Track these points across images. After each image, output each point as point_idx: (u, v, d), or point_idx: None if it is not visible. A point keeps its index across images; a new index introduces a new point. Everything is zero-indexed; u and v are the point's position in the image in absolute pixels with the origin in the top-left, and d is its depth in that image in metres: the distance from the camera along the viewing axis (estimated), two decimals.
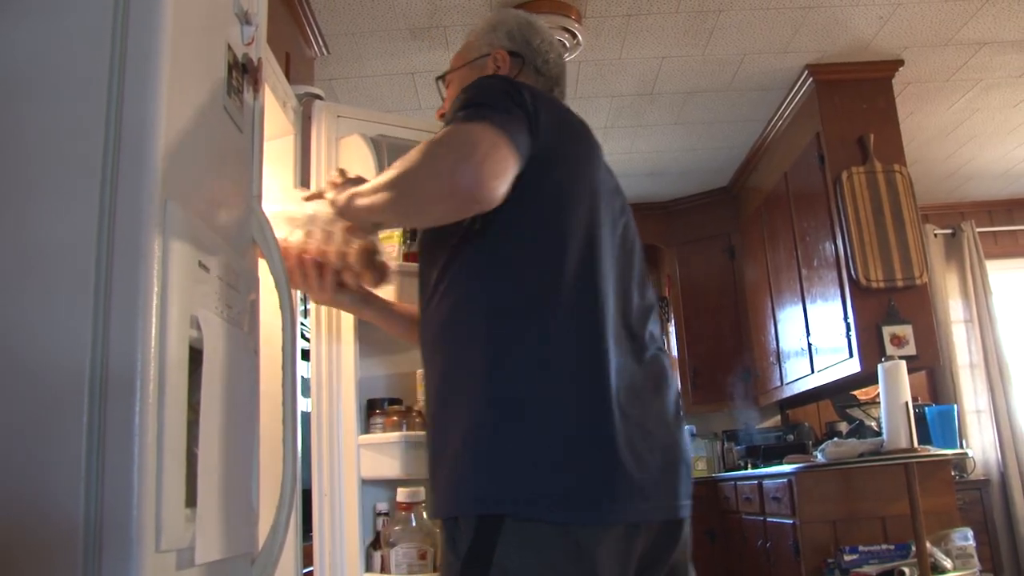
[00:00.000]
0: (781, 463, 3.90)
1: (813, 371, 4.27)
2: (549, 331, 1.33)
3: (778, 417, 5.29)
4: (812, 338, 4.24)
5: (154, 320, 1.19)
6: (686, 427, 1.50)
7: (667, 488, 1.36)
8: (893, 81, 4.04)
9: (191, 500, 1.24)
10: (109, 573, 1.10)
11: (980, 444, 5.43)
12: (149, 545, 1.12)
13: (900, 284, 3.72)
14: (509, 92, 1.42)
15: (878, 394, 3.45)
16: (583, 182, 1.48)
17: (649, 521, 1.33)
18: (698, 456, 5.01)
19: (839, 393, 4.48)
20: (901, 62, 3.97)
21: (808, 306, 4.29)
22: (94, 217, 1.21)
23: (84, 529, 1.12)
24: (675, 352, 5.39)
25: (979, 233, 5.76)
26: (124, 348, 1.16)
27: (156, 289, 1.20)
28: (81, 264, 1.19)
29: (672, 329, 5.49)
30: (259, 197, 1.70)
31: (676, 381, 1.86)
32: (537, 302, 1.35)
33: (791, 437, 4.65)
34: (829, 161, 3.91)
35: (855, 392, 4.48)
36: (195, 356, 1.29)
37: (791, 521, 3.57)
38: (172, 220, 1.24)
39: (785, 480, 3.63)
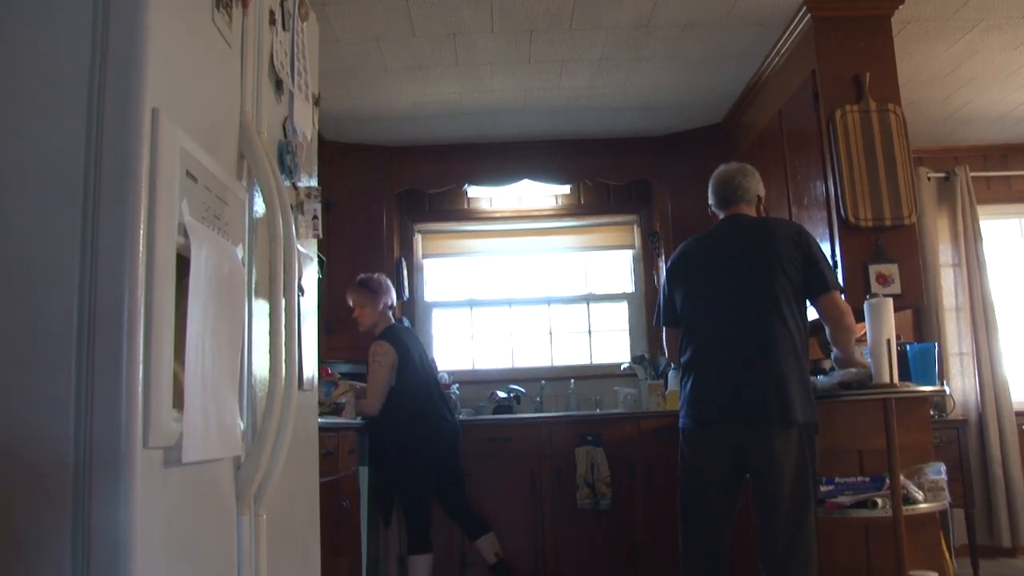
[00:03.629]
0: None
1: None
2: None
3: None
4: None
5: (142, 226, 1.22)
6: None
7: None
8: (892, 19, 4.00)
9: (178, 402, 1.29)
10: (100, 465, 1.15)
11: (961, 386, 5.51)
12: (137, 440, 1.17)
13: (888, 223, 3.73)
14: (664, 283, 3.35)
15: (864, 333, 3.49)
16: (681, 297, 3.20)
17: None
18: None
19: (823, 331, 4.52)
20: (901, 0, 3.94)
21: None
22: (82, 127, 1.24)
23: (75, 423, 1.16)
24: None
25: (972, 178, 5.77)
26: (113, 253, 1.20)
27: (144, 196, 1.23)
28: (69, 173, 1.23)
29: (663, 265, 5.52)
30: (248, 113, 1.72)
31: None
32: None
33: None
34: (823, 99, 3.89)
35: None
36: (183, 264, 1.32)
37: None
38: (159, 129, 1.26)
39: None
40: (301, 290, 1.99)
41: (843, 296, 3.14)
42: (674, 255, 3.34)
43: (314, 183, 2.25)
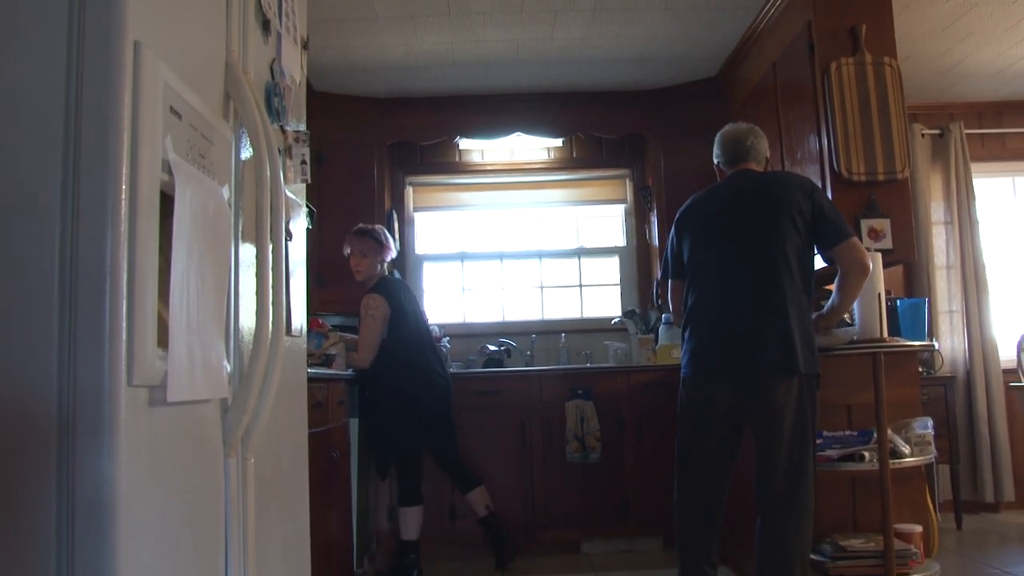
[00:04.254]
0: None
1: None
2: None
3: None
4: None
5: (125, 161, 1.20)
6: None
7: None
8: None
9: (163, 341, 1.27)
10: (83, 403, 1.14)
11: (950, 344, 5.54)
12: (121, 378, 1.15)
13: (881, 178, 3.72)
14: (670, 237, 3.34)
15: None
16: (688, 248, 3.19)
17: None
18: (675, 344, 5.09)
19: (816, 286, 4.52)
20: None
21: None
22: (62, 59, 1.21)
23: (58, 361, 1.15)
24: (656, 242, 5.43)
25: (967, 135, 5.74)
26: (94, 188, 1.18)
27: (126, 130, 1.20)
28: (49, 106, 1.20)
29: (654, 219, 5.51)
30: (235, 52, 1.69)
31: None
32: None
33: None
34: (819, 51, 3.84)
35: (828, 287, 4.52)
36: (167, 204, 1.30)
37: None
38: (141, 62, 1.23)
39: None
40: (289, 235, 1.97)
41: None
42: (682, 209, 3.32)
43: (303, 127, 2.21)
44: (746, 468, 3.05)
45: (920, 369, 4.31)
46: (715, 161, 3.34)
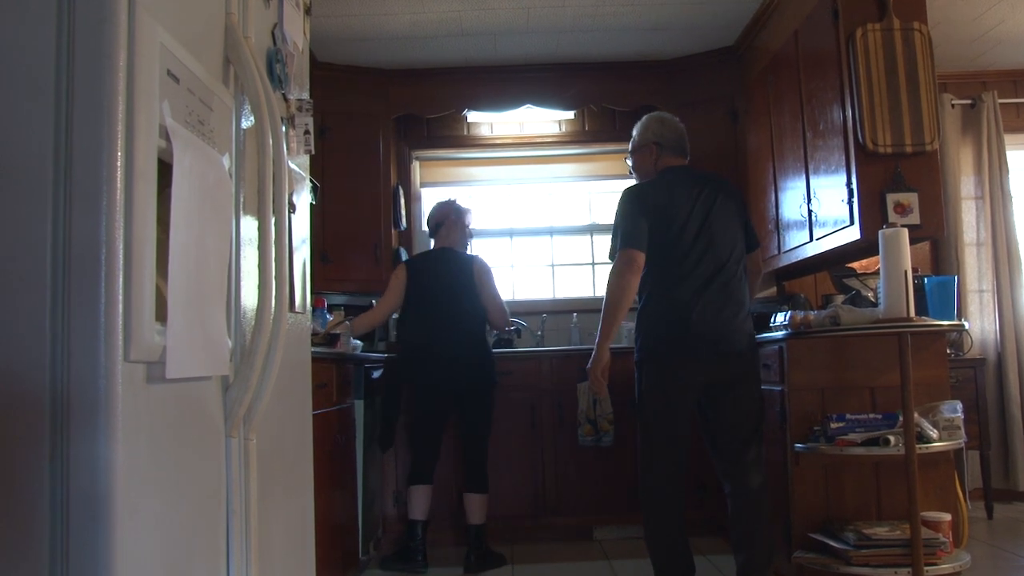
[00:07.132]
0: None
1: (812, 239, 4.18)
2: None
3: (774, 288, 5.24)
4: (813, 205, 4.13)
5: (120, 125, 1.12)
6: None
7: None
8: None
9: (161, 315, 1.20)
10: (78, 380, 1.09)
11: (980, 324, 5.37)
12: (118, 353, 1.10)
13: (909, 150, 3.58)
14: (632, 211, 3.33)
15: (878, 268, 3.37)
16: (649, 233, 3.30)
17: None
18: None
19: (837, 264, 4.41)
20: None
21: (811, 172, 4.15)
22: (52, 18, 1.14)
23: (52, 336, 1.09)
24: None
25: (1000, 105, 5.52)
26: (89, 153, 1.11)
27: (121, 92, 1.13)
28: (39, 64, 1.13)
29: None
30: (235, 15, 1.59)
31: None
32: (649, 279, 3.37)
33: (786, 307, 4.61)
34: (844, 17, 3.69)
35: (852, 264, 4.41)
36: (165, 172, 1.21)
37: (779, 388, 3.55)
38: (136, 22, 1.16)
39: (776, 347, 3.59)
40: (292, 207, 1.86)
41: None
42: (638, 191, 3.42)
43: (306, 96, 2.11)
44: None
45: (948, 350, 4.19)
46: (655, 140, 3.51)
